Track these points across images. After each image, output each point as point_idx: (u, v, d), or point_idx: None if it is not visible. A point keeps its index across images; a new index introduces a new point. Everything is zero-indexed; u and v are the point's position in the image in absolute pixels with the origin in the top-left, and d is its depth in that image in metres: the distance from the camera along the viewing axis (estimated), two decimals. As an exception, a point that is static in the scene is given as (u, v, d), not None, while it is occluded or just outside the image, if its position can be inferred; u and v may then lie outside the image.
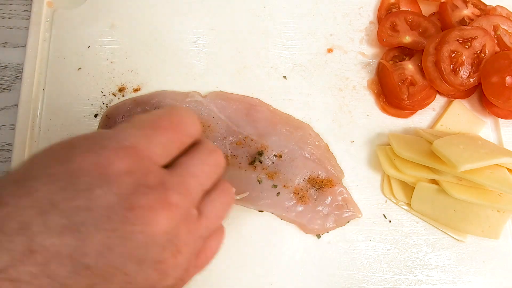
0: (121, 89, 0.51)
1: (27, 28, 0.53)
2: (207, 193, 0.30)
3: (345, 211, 0.48)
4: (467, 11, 0.56)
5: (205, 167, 0.29)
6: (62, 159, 0.24)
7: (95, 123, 0.50)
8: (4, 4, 0.55)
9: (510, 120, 0.54)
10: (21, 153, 0.48)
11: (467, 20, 0.55)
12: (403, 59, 0.54)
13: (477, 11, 0.56)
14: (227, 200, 0.31)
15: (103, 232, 0.23)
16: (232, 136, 0.49)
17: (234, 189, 0.33)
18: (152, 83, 0.52)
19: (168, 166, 0.28)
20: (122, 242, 0.23)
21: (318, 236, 0.48)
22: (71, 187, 0.23)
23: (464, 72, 0.51)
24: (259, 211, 0.48)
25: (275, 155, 0.48)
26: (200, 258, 0.30)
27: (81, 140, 0.26)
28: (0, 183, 0.24)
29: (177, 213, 0.25)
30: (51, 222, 0.22)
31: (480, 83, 0.52)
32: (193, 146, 0.30)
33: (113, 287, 0.23)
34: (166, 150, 0.27)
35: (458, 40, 0.51)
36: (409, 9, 0.57)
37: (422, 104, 0.53)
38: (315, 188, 0.48)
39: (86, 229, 0.22)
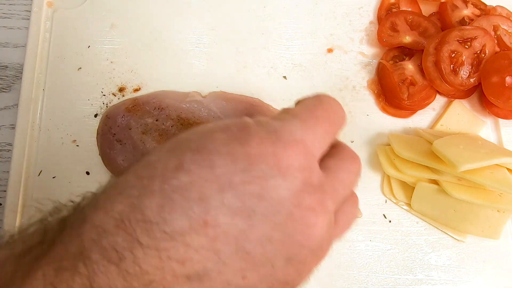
0: (121, 89, 0.51)
1: (27, 28, 0.53)
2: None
3: (345, 211, 0.48)
4: (467, 11, 0.56)
5: (351, 176, 0.28)
6: (242, 141, 0.24)
7: (95, 123, 0.50)
8: (4, 4, 0.55)
9: (510, 120, 0.54)
10: (21, 153, 0.48)
11: (467, 20, 0.55)
12: (403, 59, 0.54)
13: (477, 11, 0.56)
14: (355, 211, 0.31)
15: (269, 223, 0.23)
16: (232, 136, 0.49)
17: (358, 199, 0.32)
18: (152, 83, 0.52)
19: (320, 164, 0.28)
20: (282, 238, 0.23)
21: (318, 236, 0.48)
22: (249, 171, 0.23)
23: (464, 72, 0.51)
24: (259, 211, 0.48)
25: (275, 155, 0.48)
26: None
27: (256, 124, 0.26)
28: (179, 147, 0.25)
29: (330, 220, 0.25)
30: (228, 201, 0.22)
31: (480, 83, 0.52)
32: (334, 147, 0.29)
33: (258, 276, 0.24)
34: (323, 144, 0.27)
35: (458, 40, 0.51)
36: (409, 9, 0.57)
37: (422, 104, 0.53)
38: (315, 188, 0.48)
39: (256, 216, 0.23)
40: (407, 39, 0.54)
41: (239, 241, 0.22)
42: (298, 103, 0.30)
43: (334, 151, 0.29)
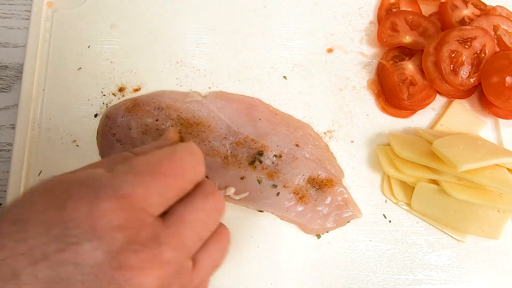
0: (121, 89, 0.51)
1: (27, 28, 0.53)
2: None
3: (345, 211, 0.48)
4: (467, 11, 0.56)
5: (201, 214, 0.27)
6: (58, 204, 0.23)
7: (95, 123, 0.50)
8: (4, 4, 0.55)
9: (510, 120, 0.54)
10: (21, 153, 0.48)
11: (467, 20, 0.55)
12: (403, 59, 0.54)
13: (477, 11, 0.56)
14: (223, 246, 0.30)
15: None
16: (232, 136, 0.49)
17: (230, 233, 0.31)
18: (152, 83, 0.52)
19: (164, 213, 0.27)
20: None
21: (318, 236, 0.48)
22: (63, 238, 0.22)
23: (464, 72, 0.51)
24: (259, 211, 0.48)
25: (275, 155, 0.48)
26: None
27: (77, 184, 0.25)
28: (0, 218, 0.24)
29: (169, 270, 0.24)
30: (41, 273, 0.21)
31: (480, 83, 0.52)
32: (192, 189, 0.28)
33: None
34: (163, 199, 0.26)
35: (458, 40, 0.51)
36: (409, 9, 0.57)
37: (422, 104, 0.53)
38: (315, 188, 0.48)
39: (73, 285, 0.21)
40: (407, 39, 0.54)
41: None
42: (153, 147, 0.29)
43: (188, 194, 0.27)
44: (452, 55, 0.51)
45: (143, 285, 0.23)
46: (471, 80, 0.51)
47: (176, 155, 0.27)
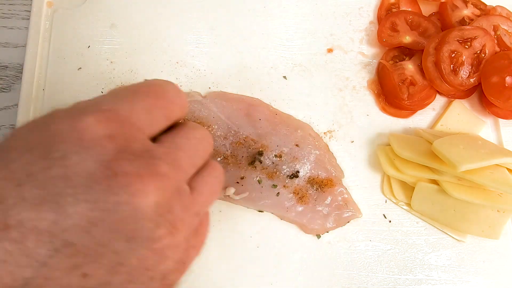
0: (121, 89, 0.51)
1: (27, 28, 0.53)
2: (198, 171, 0.27)
3: (345, 211, 0.48)
4: (467, 11, 0.56)
5: (193, 141, 0.26)
6: (40, 127, 0.23)
7: (95, 123, 0.50)
8: (4, 4, 0.55)
9: (510, 120, 0.54)
10: (21, 153, 0.48)
11: (467, 20, 0.55)
12: (403, 59, 0.54)
13: (477, 11, 0.56)
14: (218, 176, 0.29)
15: (84, 204, 0.20)
16: (232, 136, 0.49)
17: (222, 168, 0.31)
18: (152, 83, 0.52)
19: (157, 138, 0.26)
20: (106, 215, 0.20)
21: (318, 236, 0.48)
22: (47, 155, 0.21)
23: (464, 72, 0.51)
24: (259, 211, 0.48)
25: (275, 155, 0.48)
26: (197, 237, 0.27)
27: (59, 109, 0.24)
28: None
29: (168, 184, 0.23)
30: (27, 193, 0.20)
31: (480, 83, 0.52)
32: (177, 125, 0.28)
33: (104, 268, 0.21)
34: (151, 118, 0.25)
35: (458, 40, 0.51)
36: (409, 9, 0.57)
37: (422, 104, 0.53)
38: (315, 188, 0.48)
39: (64, 200, 0.20)
40: (407, 39, 0.54)
41: (54, 234, 0.19)
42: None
43: (177, 126, 0.27)
44: (452, 55, 0.51)
45: (142, 193, 0.21)
46: (471, 80, 0.51)
47: (152, 80, 0.27)
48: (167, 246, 0.23)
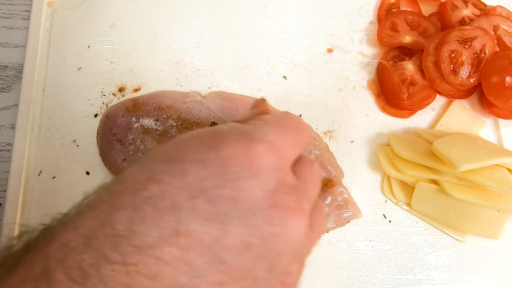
0: (121, 89, 0.51)
1: (27, 28, 0.53)
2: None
3: (345, 211, 0.48)
4: (467, 11, 0.56)
5: (315, 176, 0.28)
6: (213, 146, 0.24)
7: (95, 123, 0.50)
8: (4, 4, 0.55)
9: (510, 120, 0.54)
10: (21, 153, 0.48)
11: (467, 20, 0.55)
12: (403, 59, 0.54)
13: (477, 11, 0.56)
14: (323, 218, 0.30)
15: (245, 228, 0.22)
16: (232, 136, 0.49)
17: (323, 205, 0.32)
18: (152, 83, 0.52)
19: None
20: (261, 243, 0.22)
21: (318, 236, 0.48)
22: (221, 175, 0.22)
23: (464, 72, 0.51)
24: (259, 211, 0.48)
25: (275, 155, 0.48)
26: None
27: (226, 130, 0.25)
28: (151, 159, 0.24)
29: (307, 221, 0.24)
30: (200, 207, 0.21)
31: (480, 83, 0.52)
32: (298, 158, 0.29)
33: None
34: (293, 151, 0.27)
35: (458, 40, 0.51)
36: (409, 9, 0.57)
37: (422, 104, 0.53)
38: (315, 188, 0.48)
39: (230, 220, 0.21)
40: (407, 39, 0.54)
41: (214, 250, 0.21)
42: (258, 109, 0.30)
43: (297, 160, 0.28)
44: (452, 55, 0.51)
45: (293, 229, 0.23)
46: (471, 80, 0.51)
47: (292, 116, 0.29)
48: (294, 282, 0.25)
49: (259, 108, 0.33)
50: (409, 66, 0.53)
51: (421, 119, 0.54)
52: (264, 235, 0.22)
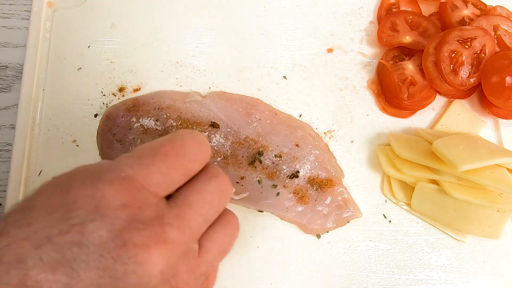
0: (121, 89, 0.51)
1: (27, 28, 0.53)
2: (211, 224, 0.28)
3: (345, 211, 0.48)
4: (467, 11, 0.56)
5: (206, 195, 0.27)
6: (64, 189, 0.24)
7: (95, 123, 0.50)
8: (4, 4, 0.55)
9: (510, 120, 0.54)
10: (21, 153, 0.48)
11: (467, 20, 0.55)
12: (403, 59, 0.54)
13: (477, 11, 0.56)
14: (231, 232, 0.30)
15: (95, 271, 0.22)
16: (232, 136, 0.49)
17: (238, 219, 0.31)
18: (152, 83, 0.52)
19: (172, 195, 0.27)
20: (113, 283, 0.22)
21: (318, 236, 0.48)
22: (66, 220, 0.22)
23: (464, 72, 0.51)
24: (259, 211, 0.48)
25: (275, 155, 0.48)
26: None
27: (81, 170, 0.25)
28: (8, 211, 0.24)
29: (174, 250, 0.24)
30: (45, 256, 0.21)
31: (480, 83, 0.52)
32: (197, 174, 0.28)
33: None
34: (167, 179, 0.26)
35: (458, 40, 0.51)
36: (409, 9, 0.57)
37: (422, 104, 0.53)
38: (315, 188, 0.48)
39: (78, 266, 0.21)
40: (407, 39, 0.54)
41: None
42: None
43: (193, 178, 0.28)
44: (452, 55, 0.51)
45: (148, 263, 0.23)
46: (471, 80, 0.51)
47: (176, 136, 0.28)
48: None
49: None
50: (409, 66, 0.53)
51: (421, 119, 0.54)
52: (117, 275, 0.22)
